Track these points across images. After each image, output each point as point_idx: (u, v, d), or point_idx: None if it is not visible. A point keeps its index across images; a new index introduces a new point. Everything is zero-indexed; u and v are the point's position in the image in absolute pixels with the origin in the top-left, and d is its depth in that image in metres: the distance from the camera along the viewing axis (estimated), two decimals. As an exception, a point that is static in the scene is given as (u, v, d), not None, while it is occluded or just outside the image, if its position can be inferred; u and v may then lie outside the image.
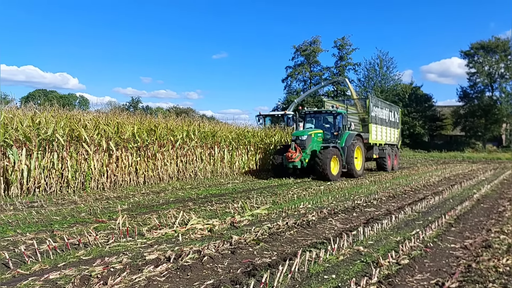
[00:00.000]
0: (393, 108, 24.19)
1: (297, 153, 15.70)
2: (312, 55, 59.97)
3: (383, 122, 21.44)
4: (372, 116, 19.77)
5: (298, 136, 16.27)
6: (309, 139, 16.18)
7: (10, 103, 19.13)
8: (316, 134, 16.73)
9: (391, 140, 22.78)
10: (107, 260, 4.97)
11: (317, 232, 6.87)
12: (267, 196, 11.20)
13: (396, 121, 24.38)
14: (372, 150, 20.24)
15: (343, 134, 17.27)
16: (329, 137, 17.32)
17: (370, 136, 19.50)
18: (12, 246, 5.75)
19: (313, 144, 16.31)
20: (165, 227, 6.96)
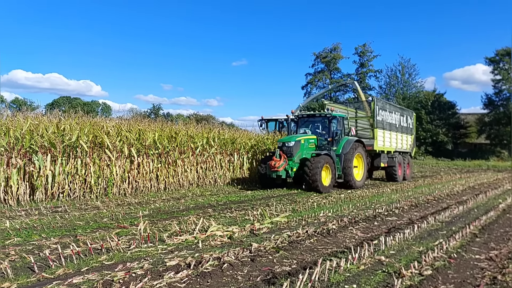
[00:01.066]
0: (406, 112, 22.26)
1: (281, 161, 14.12)
2: (332, 62, 59.75)
3: (393, 127, 19.78)
4: (378, 121, 18.00)
5: (285, 142, 14.73)
6: (297, 146, 14.63)
7: (35, 109, 19.65)
8: (307, 140, 15.16)
9: (402, 147, 21.00)
10: (129, 266, 5.04)
11: (337, 241, 6.81)
12: (286, 203, 11.17)
13: (409, 127, 22.41)
14: (379, 158, 18.71)
15: (341, 140, 15.60)
16: (324, 144, 15.62)
17: (375, 142, 17.83)
18: (37, 250, 5.88)
19: (302, 151, 14.78)
20: (186, 233, 7.02)
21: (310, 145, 15.24)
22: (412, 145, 22.78)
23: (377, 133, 17.83)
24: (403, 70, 58.92)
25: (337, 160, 15.11)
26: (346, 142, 15.56)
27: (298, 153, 14.59)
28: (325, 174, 14.36)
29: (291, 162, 14.40)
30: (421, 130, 52.11)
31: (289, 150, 14.46)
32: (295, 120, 16.73)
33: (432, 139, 53.85)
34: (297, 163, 14.52)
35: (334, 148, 15.34)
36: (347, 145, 15.45)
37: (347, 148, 15.31)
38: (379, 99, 18.88)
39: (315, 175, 13.67)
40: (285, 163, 14.15)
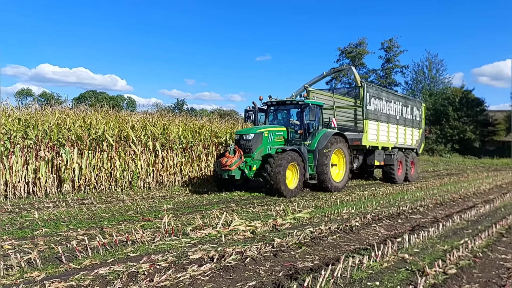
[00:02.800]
0: (410, 102, 18.99)
1: (235, 157, 11.51)
2: (357, 57, 58.93)
3: (391, 119, 16.82)
4: (368, 111, 15.13)
5: (242, 135, 12.10)
6: (257, 139, 12.00)
7: (63, 103, 20.15)
8: (273, 132, 12.54)
9: (405, 143, 18.05)
10: (153, 258, 5.13)
11: (360, 238, 6.76)
12: (309, 200, 11.14)
13: (416, 119, 19.11)
14: (373, 155, 16.09)
15: (317, 133, 13.13)
16: (296, 138, 13.08)
17: (365, 136, 15.04)
18: (64, 241, 6.05)
19: (266, 146, 12.18)
20: (209, 227, 7.09)
21: (277, 138, 12.69)
22: (420, 140, 19.62)
23: (367, 125, 15.11)
24: (430, 66, 57.65)
25: (310, 157, 12.73)
26: (323, 135, 13.00)
27: (260, 148, 12.04)
28: (291, 174, 11.91)
29: (250, 160, 11.78)
30: (448, 127, 51.04)
31: (247, 145, 11.92)
32: (263, 109, 14.06)
33: (459, 137, 52.62)
34: (257, 160, 11.96)
35: (308, 143, 12.95)
36: (323, 139, 12.89)
37: (323, 143, 12.77)
38: (371, 85, 15.87)
39: (277, 175, 11.15)
40: (240, 161, 11.49)
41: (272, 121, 13.87)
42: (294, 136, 13.09)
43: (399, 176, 16.90)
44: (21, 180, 10.33)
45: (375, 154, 16.09)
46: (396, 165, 16.63)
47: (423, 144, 20.29)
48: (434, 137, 50.97)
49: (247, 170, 11.70)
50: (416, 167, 18.90)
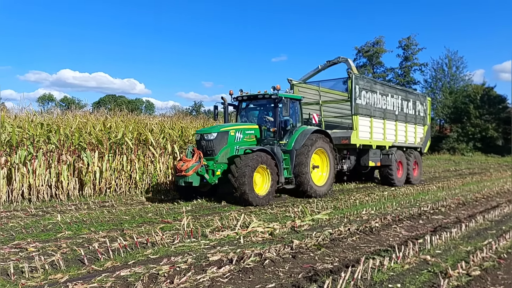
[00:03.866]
0: (412, 96, 17.26)
1: (193, 161, 9.97)
2: (375, 56, 58.40)
3: (389, 115, 15.33)
4: (359, 105, 13.67)
5: (203, 135, 10.57)
6: (221, 139, 10.49)
7: (83, 108, 20.50)
8: (242, 130, 11.01)
9: (406, 141, 16.40)
10: (173, 260, 5.17)
11: (380, 239, 6.69)
12: (327, 201, 11.07)
13: (419, 115, 17.39)
14: (367, 155, 14.59)
15: (295, 131, 11.70)
16: (271, 136, 11.49)
17: (355, 133, 13.54)
18: (86, 243, 6.15)
19: (232, 147, 10.64)
20: (227, 229, 7.11)
21: (247, 138, 11.15)
22: (424, 138, 17.83)
23: (357, 122, 13.65)
24: (450, 63, 56.67)
25: (286, 158, 11.30)
26: (301, 133, 11.55)
27: (224, 149, 10.52)
28: (261, 179, 10.39)
29: (212, 163, 10.18)
30: (469, 126, 50.07)
31: (209, 145, 10.41)
32: (235, 105, 12.55)
33: (481, 135, 51.56)
34: (222, 163, 10.36)
35: (284, 142, 11.51)
36: (301, 137, 11.44)
37: (300, 142, 11.34)
38: (362, 77, 14.32)
39: (242, 179, 9.62)
40: (198, 164, 9.89)
41: (244, 118, 12.37)
42: (268, 135, 11.51)
43: (399, 178, 15.42)
44: (44, 183, 10.56)
45: (370, 154, 14.57)
46: (395, 166, 15.11)
47: (428, 142, 18.40)
48: (455, 136, 50.09)
49: (209, 175, 10.05)
50: (420, 168, 17.21)
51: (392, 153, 15.02)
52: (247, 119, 12.30)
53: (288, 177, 11.21)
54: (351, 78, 13.40)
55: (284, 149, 11.32)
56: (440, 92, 54.68)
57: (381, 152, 15.06)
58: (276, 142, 11.28)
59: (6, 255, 5.43)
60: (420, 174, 17.13)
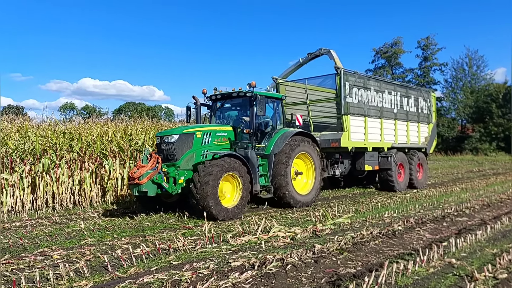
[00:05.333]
0: (413, 92, 15.81)
1: (148, 167, 8.69)
2: (393, 57, 57.79)
3: (386, 113, 14.04)
4: (350, 104, 12.44)
5: (164, 137, 9.42)
6: (185, 142, 9.31)
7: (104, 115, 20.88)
8: (211, 133, 9.79)
9: (408, 142, 15.07)
10: (195, 266, 5.19)
11: (404, 243, 6.58)
12: (349, 204, 10.96)
13: (422, 112, 15.98)
14: (362, 158, 13.37)
15: (275, 134, 10.50)
16: (247, 139, 10.20)
17: (346, 135, 12.31)
18: (110, 250, 6.22)
19: (198, 151, 9.40)
20: (248, 234, 7.11)
21: (218, 141, 9.97)
22: (429, 138, 16.35)
23: (348, 122, 12.41)
24: (470, 63, 55.63)
25: (264, 163, 10.13)
26: (281, 136, 10.35)
27: (189, 153, 9.31)
28: (231, 188, 9.17)
29: (173, 169, 9.00)
30: (492, 125, 48.99)
31: (169, 149, 9.25)
32: (208, 104, 11.38)
33: (505, 134, 50.33)
34: (186, 170, 9.16)
35: (262, 146, 10.34)
36: (281, 140, 10.24)
37: (280, 145, 10.15)
38: (353, 73, 12.87)
39: (204, 190, 8.36)
40: (154, 171, 8.61)
41: (220, 119, 11.20)
42: (244, 138, 10.24)
43: (400, 183, 14.15)
44: (67, 191, 10.74)
45: (365, 157, 13.35)
46: (395, 169, 13.82)
47: (434, 141, 16.96)
48: (477, 136, 49.08)
49: (169, 183, 8.87)
50: (425, 171, 15.82)
51: (391, 155, 13.74)
52: (222, 121, 11.12)
53: (266, 185, 10.05)
54: (340, 74, 12.22)
55: (262, 154, 10.16)
56: (461, 91, 53.71)
57: (379, 154, 13.86)
58: (250, 145, 9.99)
59: (31, 263, 5.53)
60: (425, 178, 15.80)
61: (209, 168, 8.55)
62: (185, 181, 9.01)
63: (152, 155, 9.09)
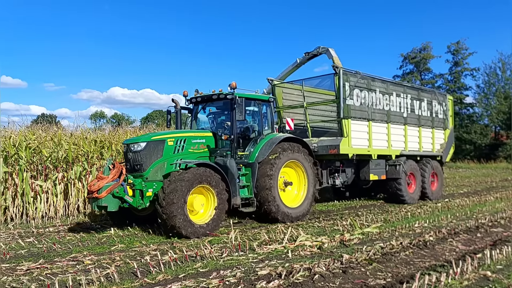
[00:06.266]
0: (426, 94, 14.54)
1: (108, 179, 7.89)
2: (422, 62, 56.79)
3: (394, 118, 12.87)
4: (350, 107, 11.31)
5: (130, 145, 8.51)
6: (154, 150, 8.41)
7: (132, 123, 21.29)
8: (186, 139, 8.89)
9: (421, 149, 13.86)
10: (222, 273, 5.19)
11: (435, 254, 6.40)
12: (377, 213, 10.76)
13: (437, 117, 14.73)
14: (367, 166, 12.27)
15: (260, 140, 9.52)
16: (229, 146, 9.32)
17: (345, 141, 11.09)
18: (139, 256, 6.31)
19: (170, 160, 8.46)
20: (275, 242, 7.07)
21: (195, 148, 9.05)
22: (446, 145, 15.00)
23: (349, 127, 11.26)
24: (503, 67, 53.94)
25: (247, 173, 9.19)
26: (266, 143, 9.37)
27: (158, 163, 8.40)
28: (205, 202, 8.17)
29: (140, 181, 8.14)
30: (527, 131, 47.35)
31: (136, 158, 8.32)
32: (189, 108, 10.50)
33: (543, 141, 48.61)
34: (155, 181, 8.18)
35: (245, 153, 9.41)
36: (266, 147, 9.29)
37: (265, 153, 9.19)
38: (354, 72, 11.67)
39: (169, 209, 7.44)
40: (115, 183, 7.80)
41: (201, 124, 10.46)
42: (226, 145, 9.40)
43: (411, 194, 12.95)
44: (98, 198, 10.97)
45: (370, 166, 12.21)
46: (404, 179, 12.67)
47: (452, 149, 15.56)
48: (512, 143, 47.51)
49: (136, 197, 7.99)
50: (440, 181, 14.52)
51: (400, 164, 12.53)
52: (204, 126, 10.37)
53: (248, 198, 9.05)
54: (338, 74, 11.06)
55: (246, 162, 9.25)
56: (494, 97, 52.15)
57: (386, 162, 12.72)
58: (229, 153, 8.95)
59: (64, 268, 5.67)
60: (440, 188, 14.52)
61: (175, 183, 7.54)
62: (154, 194, 8.05)
63: (115, 165, 8.35)
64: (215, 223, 8.09)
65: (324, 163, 11.55)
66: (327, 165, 11.73)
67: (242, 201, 8.87)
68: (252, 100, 9.88)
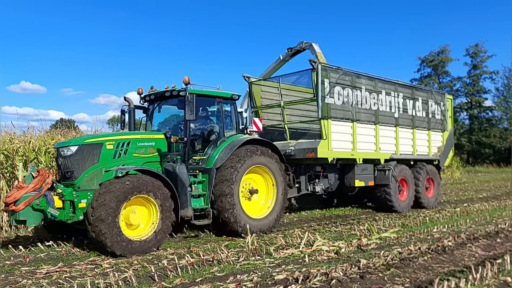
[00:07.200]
0: (421, 93, 13.42)
1: (29, 189, 6.81)
2: (440, 66, 56.18)
3: (384, 118, 11.77)
4: (330, 106, 10.29)
5: (60, 149, 7.46)
6: (88, 155, 7.29)
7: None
8: (130, 142, 7.74)
9: (414, 152, 12.72)
10: (239, 278, 5.21)
11: (454, 259, 6.31)
12: (395, 218, 10.65)
13: (434, 117, 13.58)
14: (352, 171, 11.19)
15: (221, 142, 8.52)
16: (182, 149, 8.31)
17: (324, 143, 10.04)
18: (156, 260, 6.37)
19: (108, 167, 7.35)
20: (291, 247, 7.06)
21: (141, 152, 7.90)
22: (444, 148, 13.88)
23: (329, 128, 10.20)
24: (523, 69, 53.13)
25: (204, 180, 8.21)
26: (227, 146, 8.38)
27: (93, 170, 7.29)
28: (146, 214, 7.15)
29: (70, 190, 6.97)
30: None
31: (66, 164, 7.28)
32: (144, 107, 9.52)
33: None
34: (90, 191, 7.05)
35: (203, 158, 8.46)
36: (226, 151, 8.29)
37: (223, 157, 8.19)
38: (335, 68, 10.65)
39: (98, 226, 6.44)
40: (36, 194, 6.70)
41: (157, 125, 9.53)
42: (181, 148, 8.29)
43: (402, 202, 11.93)
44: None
45: (355, 171, 11.13)
46: (395, 185, 11.63)
47: (451, 152, 14.40)
48: (534, 146, 46.57)
49: (66, 209, 6.86)
50: (437, 187, 13.44)
51: (389, 169, 11.50)
52: (161, 127, 9.48)
53: (204, 208, 8.02)
54: (316, 70, 10.03)
55: (203, 168, 8.28)
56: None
57: (375, 167, 11.71)
58: (179, 158, 7.91)
59: (83, 271, 5.76)
60: (437, 195, 13.45)
61: (104, 195, 6.53)
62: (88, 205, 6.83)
63: (40, 172, 7.20)
64: (158, 238, 7.04)
65: (303, 168, 10.74)
66: (306, 170, 10.84)
67: (197, 213, 7.88)
68: (210, 97, 8.77)
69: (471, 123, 56.66)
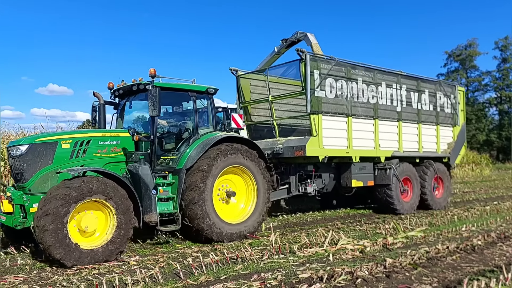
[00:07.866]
0: (428, 84, 12.34)
1: None
2: (468, 60, 54.79)
3: (384, 112, 10.93)
4: (321, 99, 9.57)
5: (9, 149, 6.90)
6: (40, 155, 6.68)
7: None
8: (90, 141, 7.11)
9: (421, 149, 11.87)
10: (263, 276, 5.22)
11: (484, 259, 6.15)
12: (421, 216, 10.46)
13: (442, 111, 12.59)
14: (348, 171, 10.47)
15: (195, 141, 7.79)
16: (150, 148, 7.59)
17: (314, 141, 9.35)
18: (181, 257, 6.46)
19: (61, 168, 6.62)
20: (315, 246, 7.02)
21: (104, 151, 7.26)
22: (454, 144, 12.88)
23: (320, 123, 9.50)
24: (555, 63, 51.31)
25: (174, 182, 7.53)
26: (199, 145, 7.68)
27: (46, 171, 6.68)
28: (103, 220, 6.40)
29: (20, 194, 6.52)
30: None
31: (16, 165, 6.68)
32: (115, 102, 8.81)
33: None
34: (43, 194, 6.25)
35: (173, 158, 7.81)
36: (197, 150, 7.58)
37: (195, 157, 7.49)
38: (326, 58, 9.91)
39: (42, 236, 5.75)
40: None
41: (130, 122, 8.89)
42: (147, 147, 7.57)
43: (405, 203, 11.08)
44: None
45: (352, 170, 10.37)
46: (397, 185, 10.79)
47: (463, 149, 13.44)
48: None
49: (15, 213, 6.47)
50: (447, 186, 12.50)
51: (390, 167, 10.68)
52: (134, 124, 8.89)
53: (173, 213, 7.31)
54: (304, 60, 9.24)
55: (173, 169, 7.64)
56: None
57: (374, 166, 10.93)
58: (142, 158, 7.19)
59: (111, 268, 5.88)
60: (447, 196, 12.52)
61: (48, 203, 5.82)
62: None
63: None
64: (116, 245, 6.29)
65: (293, 167, 10.08)
66: (297, 170, 10.15)
67: (165, 217, 7.19)
68: (180, 91, 8.05)
69: (501, 119, 55.14)
